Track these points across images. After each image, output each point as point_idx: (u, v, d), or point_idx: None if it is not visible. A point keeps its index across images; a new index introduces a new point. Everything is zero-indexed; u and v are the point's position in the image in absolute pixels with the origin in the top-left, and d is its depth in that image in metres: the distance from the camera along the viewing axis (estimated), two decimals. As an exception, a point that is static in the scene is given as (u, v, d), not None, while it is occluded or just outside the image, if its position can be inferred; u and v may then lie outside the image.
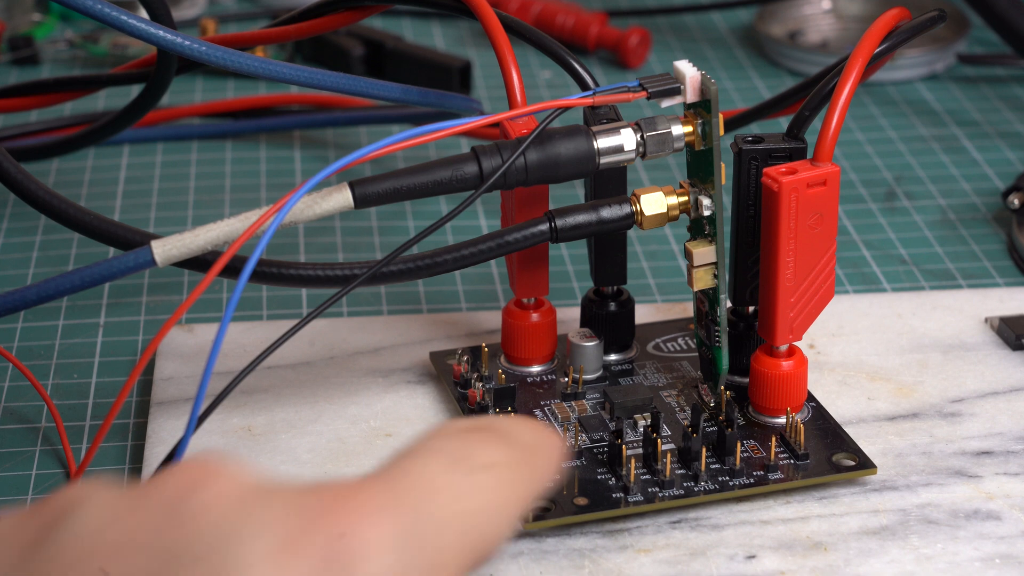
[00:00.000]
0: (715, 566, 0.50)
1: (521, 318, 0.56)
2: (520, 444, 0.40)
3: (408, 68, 0.83)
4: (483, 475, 0.39)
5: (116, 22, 0.53)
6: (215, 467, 0.37)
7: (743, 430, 0.54)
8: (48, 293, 0.49)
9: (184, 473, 0.37)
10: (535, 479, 0.40)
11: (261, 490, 0.37)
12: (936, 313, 0.62)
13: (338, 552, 0.36)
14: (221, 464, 0.38)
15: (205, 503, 0.36)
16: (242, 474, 0.37)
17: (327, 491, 0.37)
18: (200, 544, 0.36)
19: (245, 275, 0.44)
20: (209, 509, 0.36)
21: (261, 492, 0.37)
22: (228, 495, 0.37)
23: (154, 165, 0.76)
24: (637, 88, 0.50)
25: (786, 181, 0.51)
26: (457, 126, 0.48)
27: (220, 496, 0.37)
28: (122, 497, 0.37)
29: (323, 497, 0.37)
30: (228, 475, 0.37)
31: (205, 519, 0.36)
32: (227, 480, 0.37)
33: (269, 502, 0.37)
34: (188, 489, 0.37)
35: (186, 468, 0.38)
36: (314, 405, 0.57)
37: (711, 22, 0.92)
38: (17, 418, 0.57)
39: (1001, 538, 0.51)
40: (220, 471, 0.37)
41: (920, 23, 0.54)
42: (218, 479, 0.37)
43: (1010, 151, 0.77)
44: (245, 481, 0.37)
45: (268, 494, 0.37)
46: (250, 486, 0.37)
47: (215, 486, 0.37)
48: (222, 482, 0.37)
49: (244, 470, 0.38)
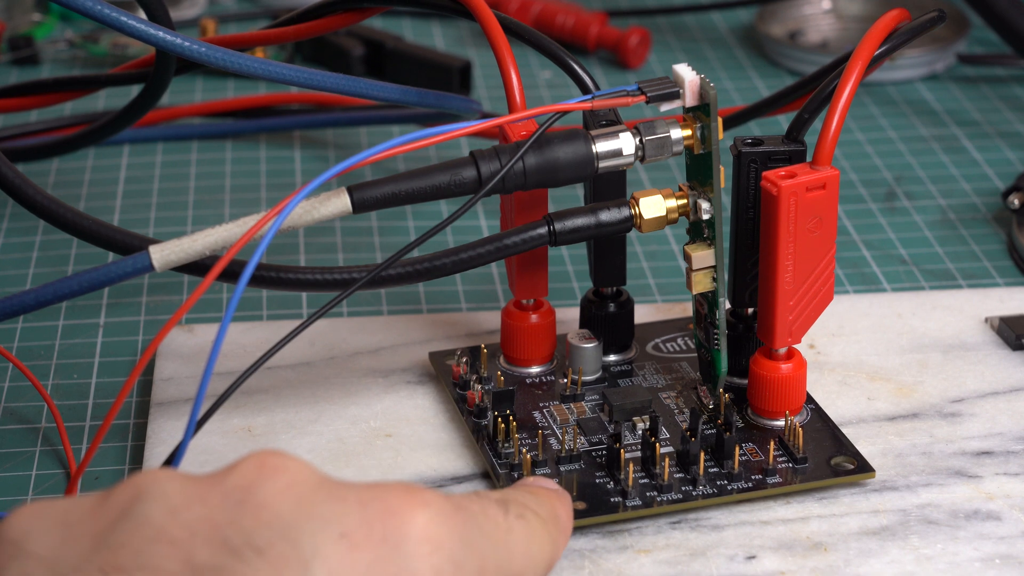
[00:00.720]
0: (715, 566, 0.50)
1: (520, 319, 0.56)
2: (539, 515, 0.44)
3: (408, 68, 0.83)
4: (520, 521, 0.42)
5: (115, 22, 0.53)
6: (280, 461, 0.39)
7: (742, 433, 0.54)
8: (46, 298, 0.49)
9: (251, 465, 0.39)
10: (554, 545, 0.44)
11: (324, 485, 0.39)
12: (936, 313, 0.62)
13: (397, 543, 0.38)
14: (286, 458, 0.39)
15: (272, 494, 0.38)
16: (306, 470, 0.39)
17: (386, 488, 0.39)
18: (268, 532, 0.37)
19: (243, 281, 0.44)
20: (276, 500, 0.38)
21: (324, 487, 0.39)
22: (293, 488, 0.38)
23: (154, 165, 0.76)
24: (636, 92, 0.50)
25: (785, 185, 0.51)
26: (458, 130, 0.48)
27: (286, 488, 0.38)
28: (191, 485, 0.39)
29: (382, 492, 0.39)
30: (293, 469, 0.39)
31: (272, 510, 0.38)
32: (292, 474, 0.39)
33: (331, 496, 0.38)
34: (255, 480, 0.38)
35: (253, 461, 0.39)
36: (314, 405, 0.57)
37: (711, 22, 0.92)
38: (17, 418, 0.58)
39: (1001, 538, 0.51)
40: (286, 465, 0.39)
41: (920, 24, 0.54)
42: (284, 473, 0.39)
43: (1010, 151, 0.77)
44: (309, 476, 0.39)
45: (330, 489, 0.39)
46: (314, 482, 0.39)
47: (282, 479, 0.38)
48: (288, 475, 0.39)
49: (307, 466, 0.39)
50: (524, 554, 0.42)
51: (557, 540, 0.45)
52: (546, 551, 0.43)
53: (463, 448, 0.55)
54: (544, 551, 0.43)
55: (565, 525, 0.46)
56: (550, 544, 0.44)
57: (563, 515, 0.46)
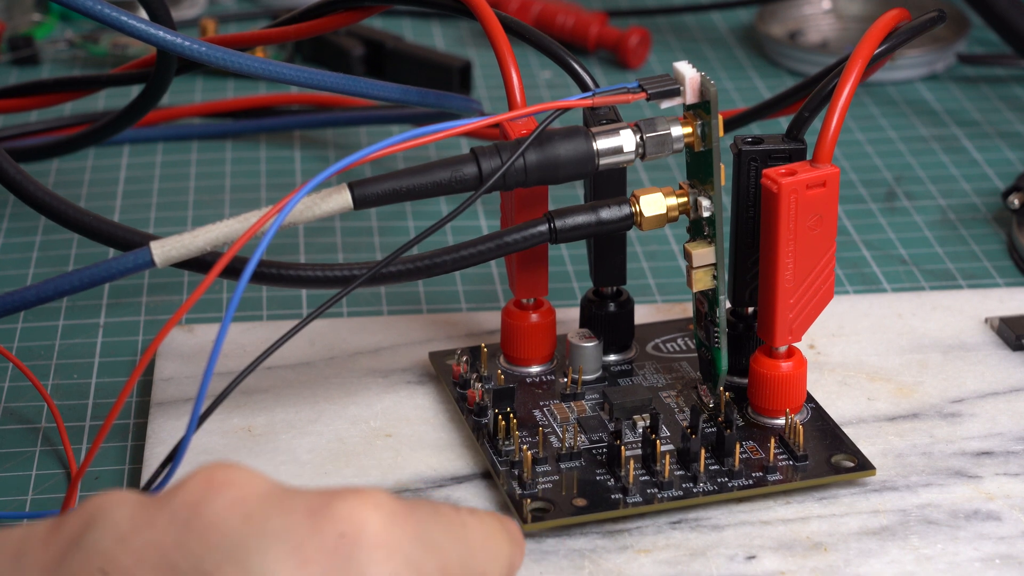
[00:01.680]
0: (715, 566, 0.50)
1: (520, 318, 0.56)
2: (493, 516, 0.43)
3: (408, 68, 0.83)
4: (473, 516, 0.42)
5: (116, 22, 0.53)
6: (226, 475, 0.38)
7: (742, 431, 0.54)
8: (47, 294, 0.49)
9: (198, 482, 0.38)
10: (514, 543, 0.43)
11: (271, 497, 0.38)
12: (936, 313, 0.62)
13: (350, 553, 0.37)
14: (232, 471, 0.39)
15: (219, 512, 0.38)
16: (253, 481, 0.38)
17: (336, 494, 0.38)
18: (216, 555, 0.37)
19: (245, 277, 0.44)
20: (223, 518, 0.37)
21: (271, 499, 0.38)
22: (240, 504, 0.38)
23: (154, 165, 0.76)
24: (637, 89, 0.50)
25: (785, 182, 0.51)
26: (458, 127, 0.48)
27: (233, 505, 0.38)
28: (140, 508, 0.38)
29: (330, 500, 0.38)
30: (240, 482, 0.38)
31: (219, 530, 0.37)
32: (239, 487, 0.38)
33: (279, 509, 0.38)
34: (202, 498, 0.38)
35: (200, 477, 0.39)
36: (314, 405, 0.57)
37: (711, 22, 0.92)
38: (17, 418, 0.57)
39: (1001, 538, 0.51)
40: (232, 479, 0.38)
41: (920, 23, 0.54)
42: (230, 487, 0.38)
43: (1010, 151, 0.77)
44: (256, 488, 0.38)
45: (278, 501, 0.38)
46: (261, 494, 0.38)
47: (228, 494, 0.38)
48: (234, 490, 0.38)
49: (252, 478, 0.39)
50: (484, 548, 0.41)
51: (513, 543, 0.43)
52: (504, 549, 0.42)
53: (463, 448, 0.55)
54: (503, 549, 0.42)
55: (516, 536, 0.44)
56: (507, 543, 0.43)
57: (512, 528, 0.44)
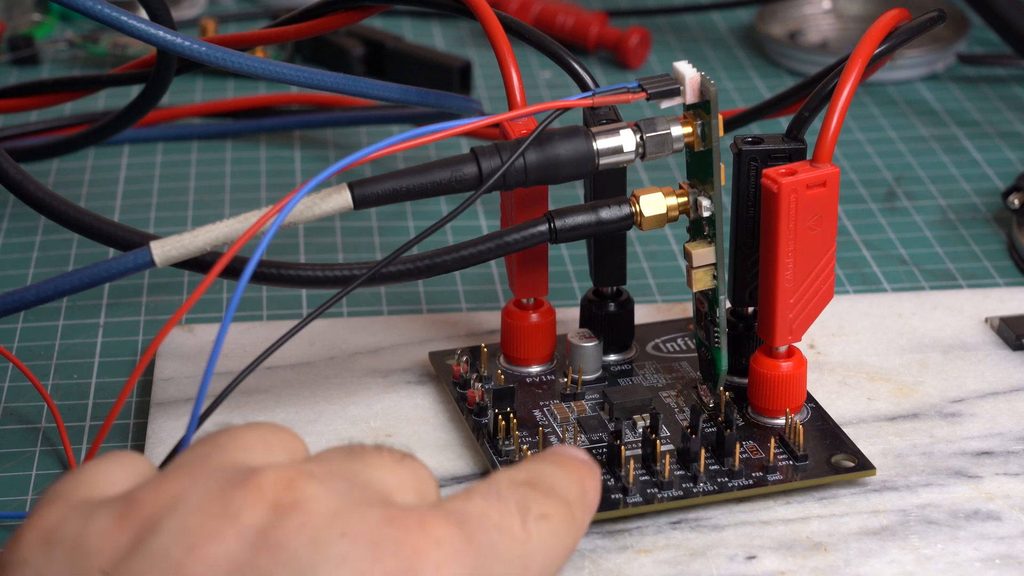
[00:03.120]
0: (715, 566, 0.50)
1: (520, 318, 0.56)
2: (567, 499, 0.43)
3: (408, 68, 0.83)
4: (539, 525, 0.42)
5: (116, 22, 0.53)
6: (294, 497, 0.39)
7: (742, 431, 0.54)
8: (47, 294, 0.49)
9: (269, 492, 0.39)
10: (578, 530, 0.44)
11: (337, 519, 0.39)
12: (936, 313, 0.62)
13: None
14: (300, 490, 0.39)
15: (287, 536, 0.38)
16: (320, 502, 0.39)
17: (399, 523, 0.39)
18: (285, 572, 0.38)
19: (246, 277, 0.44)
20: (291, 542, 0.38)
21: (337, 522, 0.39)
22: (306, 529, 0.38)
23: (154, 165, 0.76)
24: (637, 89, 0.50)
25: (785, 182, 0.51)
26: (458, 127, 0.48)
27: (299, 530, 0.38)
28: (209, 510, 0.39)
29: (395, 530, 0.39)
30: (308, 501, 0.39)
31: (286, 552, 0.38)
32: (307, 508, 0.39)
33: (345, 534, 0.39)
34: (269, 521, 0.38)
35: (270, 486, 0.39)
36: (314, 405, 0.57)
37: (711, 22, 0.92)
38: (17, 418, 0.57)
39: (1001, 538, 0.51)
40: (303, 499, 0.39)
41: (920, 23, 0.54)
42: (301, 508, 0.39)
43: (1010, 151, 0.77)
44: (320, 514, 0.39)
45: (344, 524, 0.39)
46: (327, 515, 0.39)
47: (294, 518, 0.38)
48: (303, 512, 0.39)
49: (317, 499, 0.39)
50: (542, 559, 0.42)
51: (583, 520, 0.44)
52: (567, 543, 0.43)
53: (463, 448, 0.55)
54: (565, 544, 0.43)
55: (592, 500, 0.45)
56: (572, 533, 0.43)
57: (590, 490, 0.45)
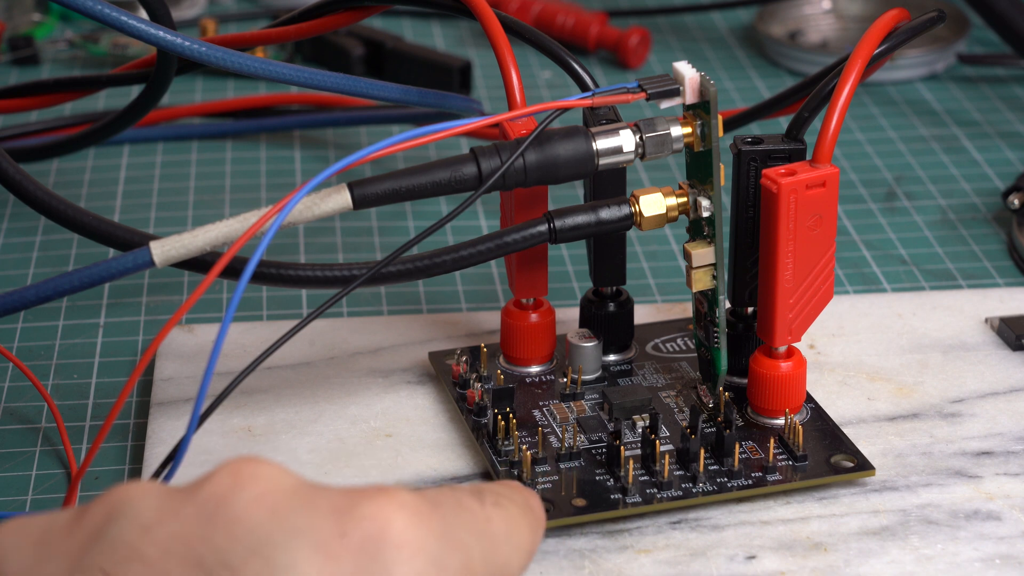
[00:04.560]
0: (715, 566, 0.50)
1: (520, 318, 0.56)
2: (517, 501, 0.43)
3: (408, 68, 0.83)
4: (496, 509, 0.42)
5: (116, 22, 0.53)
6: (253, 469, 0.38)
7: (741, 431, 0.54)
8: (47, 293, 0.49)
9: (224, 475, 0.38)
10: (537, 526, 0.44)
11: (298, 493, 0.38)
12: (936, 313, 0.62)
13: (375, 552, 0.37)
14: (259, 465, 0.39)
15: (245, 506, 0.38)
16: (279, 476, 0.38)
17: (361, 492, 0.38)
18: (241, 549, 0.37)
19: (245, 277, 0.44)
20: (249, 512, 0.37)
21: (298, 495, 0.38)
22: (266, 498, 0.38)
23: (154, 165, 0.76)
24: (636, 89, 0.50)
25: (785, 182, 0.51)
26: (458, 127, 0.48)
27: (259, 498, 0.38)
28: (165, 499, 0.38)
29: (357, 499, 0.38)
30: (266, 476, 0.38)
31: (245, 524, 0.37)
32: (265, 482, 0.38)
33: (305, 505, 0.38)
34: (229, 491, 0.38)
35: (227, 470, 0.39)
36: (314, 405, 0.57)
37: (711, 22, 0.92)
38: (17, 418, 0.57)
39: (1001, 538, 0.51)
40: (259, 473, 0.38)
41: (920, 23, 0.54)
42: (257, 481, 0.38)
43: (1010, 151, 0.77)
44: (282, 483, 0.38)
45: (304, 497, 0.38)
46: (287, 489, 0.38)
47: (254, 488, 0.38)
48: (261, 484, 0.38)
49: (279, 473, 0.39)
50: (507, 541, 0.42)
51: (535, 528, 0.44)
52: (527, 538, 0.43)
53: (463, 448, 0.55)
54: (525, 538, 0.43)
55: (539, 515, 0.45)
56: (529, 531, 0.43)
57: (536, 506, 0.45)
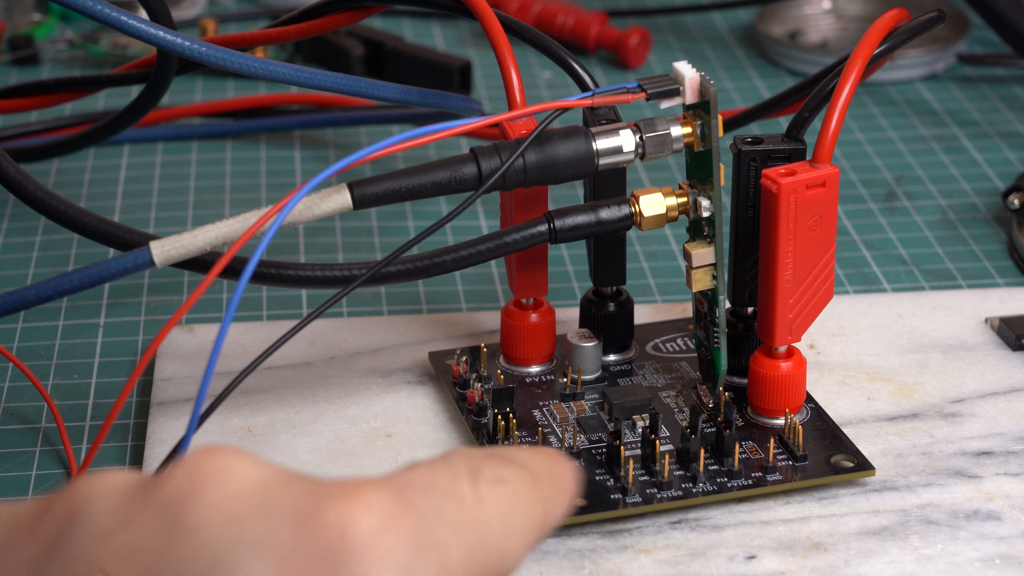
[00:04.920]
0: (715, 566, 0.50)
1: (520, 318, 0.56)
2: (531, 469, 0.40)
3: (408, 68, 0.83)
4: (493, 488, 0.38)
5: (116, 22, 0.53)
6: (213, 465, 0.37)
7: (741, 431, 0.54)
8: (47, 293, 0.49)
9: (184, 473, 0.37)
10: (546, 503, 0.40)
11: (256, 494, 0.36)
12: (936, 313, 0.62)
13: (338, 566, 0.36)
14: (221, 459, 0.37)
15: (203, 513, 0.36)
16: (241, 473, 0.37)
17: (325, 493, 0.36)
18: (199, 563, 0.35)
19: (246, 277, 0.44)
20: (206, 521, 0.36)
21: (256, 497, 0.36)
22: (224, 503, 0.36)
23: (154, 165, 0.76)
24: (636, 89, 0.50)
25: (785, 182, 0.51)
26: (458, 127, 0.48)
27: (218, 504, 0.36)
28: (124, 501, 0.37)
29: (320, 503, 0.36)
30: (224, 476, 0.36)
31: (201, 536, 0.35)
32: (223, 484, 0.36)
33: (264, 512, 0.36)
34: (187, 494, 0.36)
35: (186, 467, 0.37)
36: (314, 405, 0.57)
37: (711, 22, 0.92)
38: (17, 418, 0.57)
39: (1001, 538, 0.51)
40: (219, 470, 0.36)
41: (920, 23, 0.54)
42: (216, 483, 0.36)
43: (1010, 151, 0.77)
44: (241, 484, 0.36)
45: (264, 501, 0.36)
46: (244, 492, 0.36)
47: (213, 491, 0.36)
48: (220, 486, 0.36)
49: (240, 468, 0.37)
50: (501, 524, 0.38)
51: (552, 498, 0.40)
52: (533, 513, 0.39)
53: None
54: (530, 513, 0.39)
55: (565, 484, 0.40)
56: (540, 503, 0.39)
57: (563, 473, 0.40)
